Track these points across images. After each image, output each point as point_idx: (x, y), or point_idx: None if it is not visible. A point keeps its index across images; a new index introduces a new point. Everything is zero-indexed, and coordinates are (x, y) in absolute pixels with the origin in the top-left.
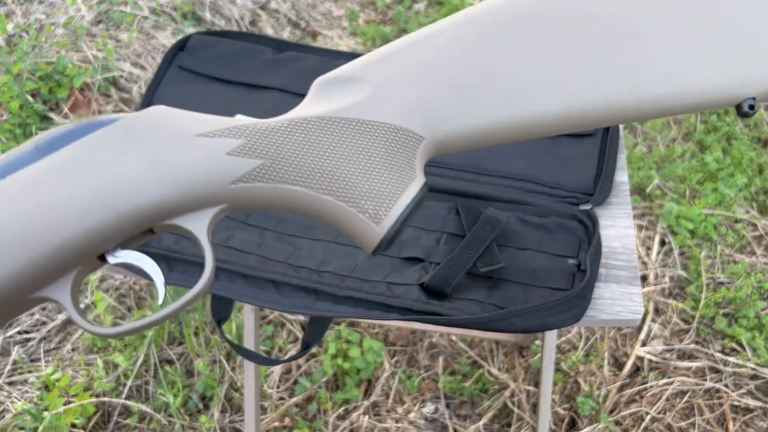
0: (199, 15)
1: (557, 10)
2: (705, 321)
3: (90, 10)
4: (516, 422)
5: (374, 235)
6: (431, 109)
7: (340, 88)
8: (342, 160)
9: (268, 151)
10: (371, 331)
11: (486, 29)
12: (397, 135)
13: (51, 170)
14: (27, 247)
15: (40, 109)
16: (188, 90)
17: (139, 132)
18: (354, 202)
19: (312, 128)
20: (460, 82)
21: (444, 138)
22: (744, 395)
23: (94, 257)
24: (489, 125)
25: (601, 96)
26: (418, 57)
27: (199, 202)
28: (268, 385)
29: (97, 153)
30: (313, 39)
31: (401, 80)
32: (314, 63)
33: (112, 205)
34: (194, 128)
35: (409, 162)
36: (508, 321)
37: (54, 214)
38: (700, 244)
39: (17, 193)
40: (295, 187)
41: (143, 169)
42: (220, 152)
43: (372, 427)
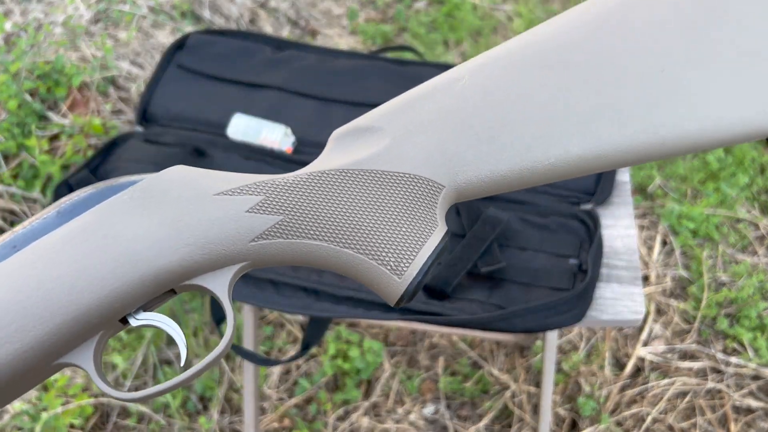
0: (198, 14)
1: (576, 50)
2: (706, 321)
3: (88, 8)
4: (517, 423)
5: (396, 287)
6: (451, 157)
7: (358, 139)
8: (362, 212)
9: (287, 207)
10: (371, 332)
11: (503, 73)
12: (417, 184)
13: (72, 236)
14: (50, 315)
15: (38, 108)
16: (187, 89)
17: (158, 194)
18: (375, 255)
19: (330, 182)
20: (479, 128)
21: (465, 185)
22: (745, 396)
23: (116, 321)
24: (511, 170)
25: (626, 136)
26: (435, 105)
27: (219, 261)
28: (267, 386)
29: (117, 217)
30: (312, 38)
31: (419, 129)
32: (313, 62)
33: (134, 269)
34: (213, 187)
35: (430, 211)
36: (509, 321)
37: (76, 281)
38: (702, 244)
39: (40, 261)
40: (315, 241)
41: (164, 231)
42: (239, 210)
43: (372, 427)
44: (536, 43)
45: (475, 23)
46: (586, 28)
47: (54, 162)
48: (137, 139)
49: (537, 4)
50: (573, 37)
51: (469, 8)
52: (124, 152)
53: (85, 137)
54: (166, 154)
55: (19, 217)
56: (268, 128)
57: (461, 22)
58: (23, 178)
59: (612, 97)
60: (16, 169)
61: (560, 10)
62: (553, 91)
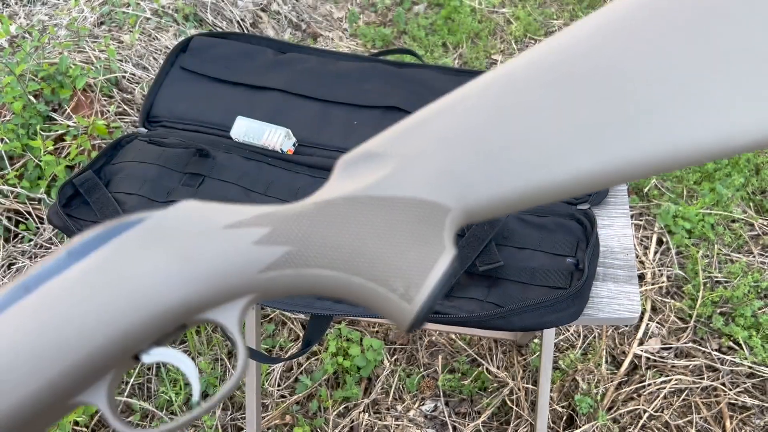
0: (200, 16)
1: (582, 63)
2: (702, 320)
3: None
4: (515, 420)
5: (406, 314)
6: (457, 179)
7: (363, 165)
8: (369, 239)
9: (294, 237)
10: (371, 330)
11: (507, 92)
12: (424, 208)
13: (82, 276)
14: (63, 356)
15: (42, 110)
16: (190, 91)
17: (167, 229)
18: (384, 282)
19: (337, 210)
20: (486, 148)
21: (474, 206)
22: (741, 393)
23: (128, 358)
24: (519, 190)
25: (638, 149)
26: (440, 126)
27: (229, 294)
28: (269, 383)
29: (126, 255)
30: (313, 40)
31: (424, 152)
32: (314, 64)
33: (145, 306)
34: (221, 220)
35: (438, 234)
36: (507, 319)
37: (88, 321)
38: (698, 244)
39: (51, 302)
40: (323, 270)
41: (174, 266)
42: (247, 242)
43: (372, 424)
44: (540, 60)
45: (473, 26)
46: (591, 40)
47: (58, 163)
48: (141, 140)
49: (534, 7)
50: (578, 51)
51: (467, 11)
52: (127, 153)
53: (90, 138)
54: (170, 155)
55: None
56: (271, 130)
57: (460, 25)
58: (28, 179)
59: (621, 109)
60: (21, 170)
61: (557, 12)
62: (559, 106)
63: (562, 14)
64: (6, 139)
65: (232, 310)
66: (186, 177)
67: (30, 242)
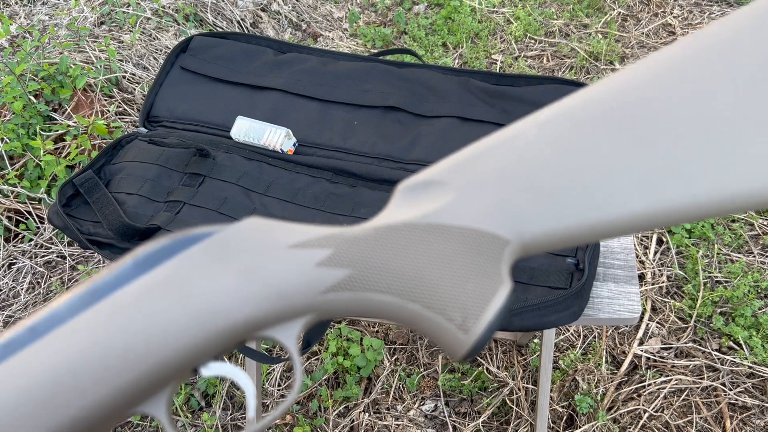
0: (201, 16)
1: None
2: (702, 320)
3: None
4: (515, 420)
5: (462, 344)
6: (516, 213)
7: (423, 193)
8: (428, 266)
9: (355, 261)
10: (371, 330)
11: (567, 130)
12: (483, 239)
13: (150, 289)
14: (127, 367)
15: (43, 110)
16: (191, 90)
17: (234, 246)
18: (441, 311)
19: (397, 236)
20: (543, 184)
21: (530, 240)
22: (741, 393)
23: (188, 371)
24: (576, 227)
25: (691, 194)
26: (500, 159)
27: (290, 313)
28: (269, 383)
29: (194, 270)
30: (313, 40)
31: (484, 184)
32: (315, 64)
33: (210, 321)
34: (286, 240)
35: (496, 266)
36: (507, 319)
37: (153, 334)
38: (698, 244)
39: (119, 313)
40: (382, 295)
41: (239, 283)
42: (310, 263)
43: (372, 424)
44: (601, 100)
45: (473, 26)
46: (649, 83)
47: (59, 162)
48: (141, 140)
49: (534, 7)
50: (636, 92)
51: (467, 11)
52: (128, 153)
53: (90, 138)
54: (170, 155)
55: (25, 216)
56: (271, 130)
57: (460, 25)
58: (28, 179)
59: (678, 155)
60: (21, 170)
61: (557, 12)
62: (618, 148)
63: (562, 14)
64: (6, 139)
65: (292, 329)
66: (186, 177)
67: (30, 242)
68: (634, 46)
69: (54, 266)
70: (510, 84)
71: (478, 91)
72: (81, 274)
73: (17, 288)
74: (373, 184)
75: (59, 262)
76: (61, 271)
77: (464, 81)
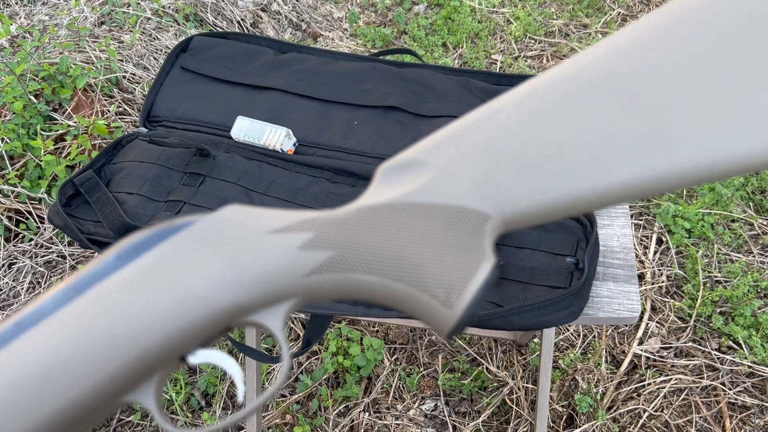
0: (201, 16)
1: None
2: (702, 319)
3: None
4: (515, 419)
5: (447, 319)
6: (496, 187)
7: (404, 172)
8: (411, 245)
9: (337, 242)
10: (371, 329)
11: (546, 102)
12: (464, 216)
13: (133, 278)
14: (114, 357)
15: (43, 110)
16: (191, 90)
17: (215, 233)
18: (425, 288)
19: (378, 216)
20: (524, 158)
21: (512, 214)
22: (740, 393)
23: (176, 359)
24: (558, 200)
25: (676, 161)
26: (479, 136)
27: (274, 297)
28: (269, 383)
29: (176, 258)
30: (313, 40)
31: (463, 160)
32: (315, 64)
33: (194, 307)
34: (266, 225)
35: (478, 242)
36: (507, 319)
37: (138, 322)
38: (697, 243)
39: (103, 304)
40: (365, 276)
41: (222, 269)
42: (292, 247)
43: (372, 424)
44: (579, 70)
45: (473, 26)
46: (630, 52)
47: (59, 162)
48: (141, 140)
49: (534, 7)
50: (617, 61)
51: (467, 11)
52: (128, 153)
53: (90, 138)
54: (170, 155)
55: (25, 216)
56: (271, 130)
57: (460, 25)
58: (28, 179)
59: (661, 120)
60: (22, 170)
61: (557, 12)
62: (598, 117)
63: (562, 14)
64: (7, 139)
65: (277, 313)
66: (186, 177)
67: (30, 242)
68: None
69: (54, 266)
70: (510, 84)
71: (478, 91)
72: None
73: (17, 288)
74: None
75: (59, 262)
76: (61, 270)
77: (464, 81)
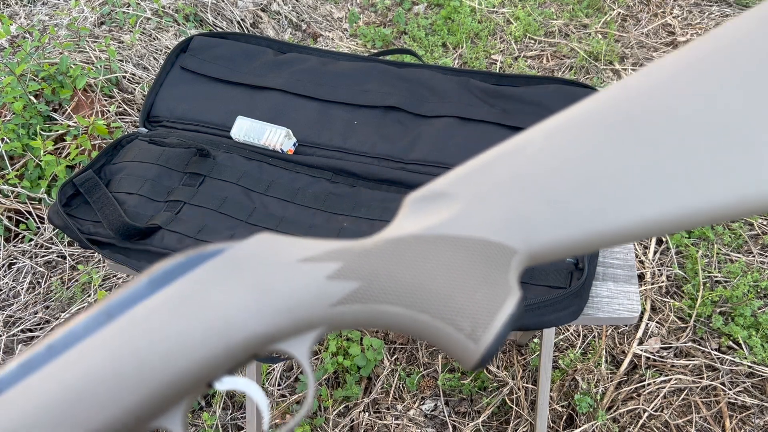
0: (201, 17)
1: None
2: (702, 319)
3: (93, 11)
4: (514, 419)
5: (472, 353)
6: (523, 222)
7: (432, 204)
8: (437, 277)
9: (364, 273)
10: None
11: (575, 137)
12: (490, 249)
13: (164, 306)
14: (144, 382)
15: (43, 110)
16: (191, 90)
17: (245, 262)
18: (451, 321)
19: (405, 248)
20: (551, 192)
21: (538, 249)
22: (740, 393)
23: (204, 385)
24: (584, 235)
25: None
26: (507, 169)
27: (302, 326)
28: (269, 383)
29: (206, 286)
30: (313, 41)
31: (491, 194)
32: (315, 64)
33: (224, 336)
34: (296, 254)
35: (504, 276)
36: None
37: (170, 348)
38: (697, 243)
39: (135, 329)
40: (391, 307)
41: (251, 298)
42: (320, 277)
43: (372, 424)
44: (609, 107)
45: (473, 26)
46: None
47: (59, 163)
48: (141, 140)
49: (534, 7)
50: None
51: (467, 12)
52: (128, 153)
53: (90, 138)
54: (170, 155)
55: (25, 216)
56: (271, 130)
57: (460, 25)
58: (28, 179)
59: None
60: (22, 170)
61: (557, 12)
62: (627, 155)
63: (562, 14)
64: (6, 139)
65: (304, 342)
66: (186, 177)
67: (30, 242)
68: (634, 46)
69: (54, 266)
70: (510, 84)
71: (478, 91)
72: (81, 273)
73: (17, 288)
74: (372, 184)
75: (59, 262)
76: (61, 271)
77: (464, 81)
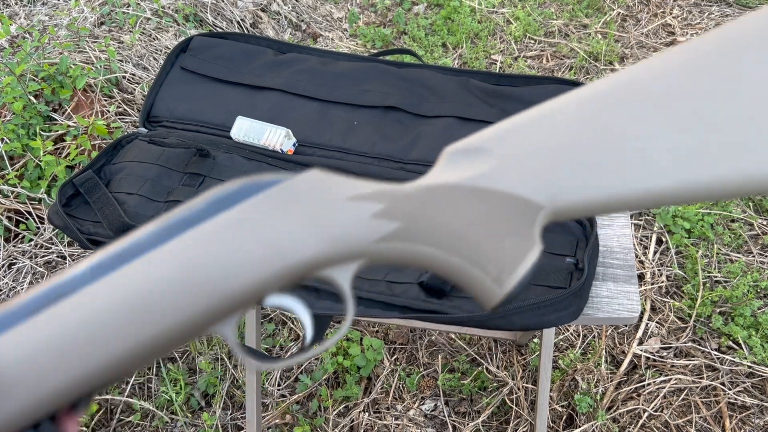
0: (200, 17)
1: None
2: (702, 319)
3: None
4: (514, 419)
5: (495, 295)
6: (552, 181)
7: (469, 157)
8: (470, 225)
9: (405, 215)
10: (371, 330)
11: (606, 108)
12: (520, 204)
13: (226, 227)
14: (209, 291)
15: (43, 110)
16: (191, 91)
17: (300, 194)
18: (480, 265)
19: (443, 195)
20: (580, 157)
21: (562, 207)
22: (740, 393)
23: (256, 300)
24: (606, 197)
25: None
26: (541, 131)
27: (347, 256)
28: (269, 383)
29: (265, 212)
30: (313, 41)
31: (525, 153)
32: (314, 64)
33: (279, 258)
34: (346, 192)
35: (530, 229)
36: (507, 318)
37: (232, 265)
38: (697, 243)
39: (200, 245)
40: (427, 248)
41: (305, 227)
42: (366, 215)
43: (372, 424)
44: (639, 81)
45: (473, 26)
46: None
47: (59, 163)
48: (141, 140)
49: (534, 7)
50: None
51: (467, 12)
52: (128, 153)
53: (90, 138)
54: (170, 155)
55: (25, 216)
56: (271, 130)
57: (459, 25)
58: (28, 179)
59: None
60: (21, 170)
61: (557, 12)
62: (652, 128)
63: (562, 14)
64: (6, 139)
65: (347, 270)
66: (186, 177)
67: (30, 242)
68: (634, 46)
69: (54, 266)
70: (510, 84)
71: (477, 91)
72: None
73: (17, 288)
74: None
75: (59, 262)
76: (61, 271)
77: (464, 81)
